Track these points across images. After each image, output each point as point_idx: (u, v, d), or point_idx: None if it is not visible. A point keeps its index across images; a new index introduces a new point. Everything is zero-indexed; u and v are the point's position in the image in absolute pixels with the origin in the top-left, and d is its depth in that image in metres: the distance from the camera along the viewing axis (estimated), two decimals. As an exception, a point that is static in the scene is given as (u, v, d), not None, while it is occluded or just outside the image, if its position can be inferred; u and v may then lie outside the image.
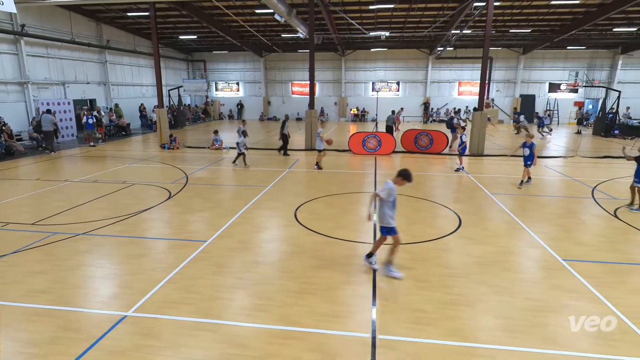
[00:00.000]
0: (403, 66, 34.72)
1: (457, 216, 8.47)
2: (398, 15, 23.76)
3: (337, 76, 35.73)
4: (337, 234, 7.42)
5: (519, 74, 33.54)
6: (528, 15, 23.58)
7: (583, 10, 22.35)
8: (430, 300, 5.10)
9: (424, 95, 34.80)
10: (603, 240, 7.30)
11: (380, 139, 16.78)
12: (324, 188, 10.88)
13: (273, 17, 20.24)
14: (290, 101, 36.89)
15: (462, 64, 33.30)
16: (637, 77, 32.05)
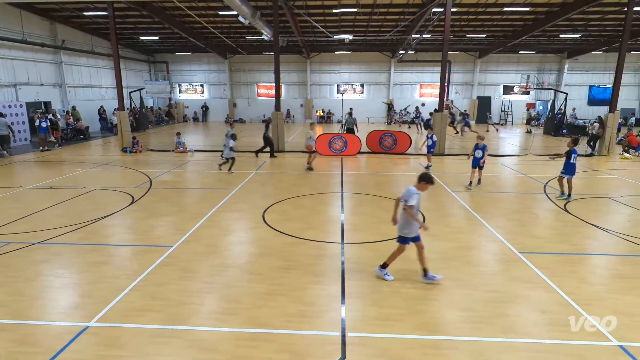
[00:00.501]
0: (367, 69, 35.26)
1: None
2: (361, 19, 24.12)
3: (303, 78, 35.78)
4: (306, 234, 7.41)
5: (476, 77, 34.89)
6: (483, 21, 24.59)
7: (532, 17, 23.56)
8: (397, 296, 5.20)
9: (388, 97, 35.49)
10: (555, 232, 7.72)
11: (346, 140, 16.94)
12: (291, 189, 10.85)
13: (237, 19, 20.00)
14: (256, 103, 36.56)
15: (423, 66, 34.23)
16: (581, 80, 34.17)
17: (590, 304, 4.96)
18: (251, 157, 16.25)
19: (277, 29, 17.64)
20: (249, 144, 20.22)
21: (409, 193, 5.34)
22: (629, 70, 31.68)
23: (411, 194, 5.31)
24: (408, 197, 5.33)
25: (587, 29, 26.08)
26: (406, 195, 5.39)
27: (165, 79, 34.33)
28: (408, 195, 5.35)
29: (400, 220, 5.53)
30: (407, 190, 5.39)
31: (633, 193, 10.70)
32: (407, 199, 5.34)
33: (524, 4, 20.62)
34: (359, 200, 10.06)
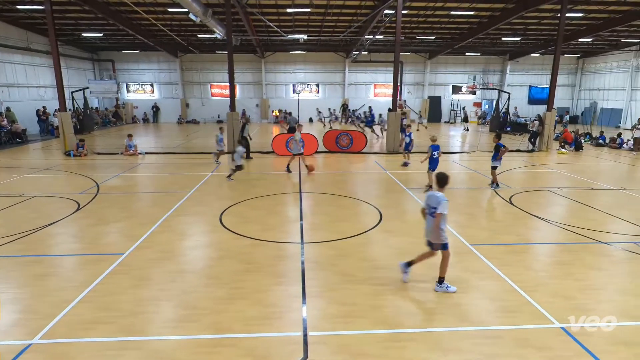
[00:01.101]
0: (322, 69, 35.51)
1: (378, 211, 8.89)
2: (315, 19, 24.24)
3: (258, 78, 35.40)
4: (264, 235, 7.35)
5: (427, 77, 36.21)
6: (432, 24, 25.55)
7: (477, 21, 24.82)
8: (357, 292, 5.29)
9: (343, 97, 35.95)
10: (502, 224, 8.19)
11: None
12: (249, 190, 10.71)
13: (188, 17, 19.39)
14: (210, 103, 35.69)
15: (376, 67, 35.00)
16: (522, 80, 36.47)
17: (534, 290, 5.31)
18: (206, 159, 15.84)
19: (230, 27, 17.32)
20: (204, 146, 19.72)
21: (438, 200, 5.11)
22: (563, 71, 34.23)
23: (441, 201, 5.08)
24: (437, 204, 5.10)
25: (526, 33, 27.87)
26: (434, 201, 5.18)
27: (111, 78, 32.64)
28: (437, 202, 5.12)
29: (427, 228, 5.33)
30: (434, 197, 5.19)
31: (569, 185, 11.57)
32: (435, 206, 5.12)
33: (468, 8, 21.66)
34: (317, 199, 10.12)
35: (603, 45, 31.69)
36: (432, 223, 5.22)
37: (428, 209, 5.31)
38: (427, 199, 5.36)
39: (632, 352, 4.07)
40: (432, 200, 5.23)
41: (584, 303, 5.03)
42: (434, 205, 5.17)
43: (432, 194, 5.27)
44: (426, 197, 5.39)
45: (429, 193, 5.38)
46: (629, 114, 30.26)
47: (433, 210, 5.19)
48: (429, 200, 5.31)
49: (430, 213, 5.26)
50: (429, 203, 5.29)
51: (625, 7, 21.43)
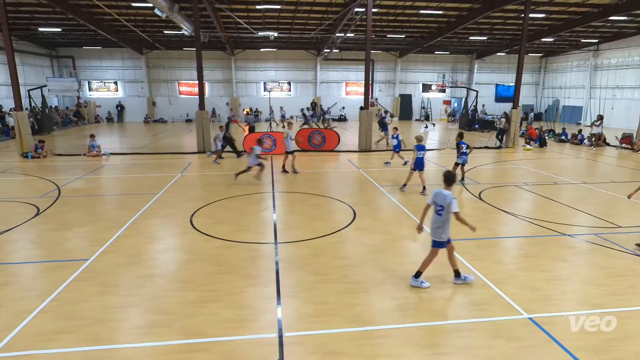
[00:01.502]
0: (293, 66, 35.42)
1: (352, 209, 8.96)
2: (285, 17, 24.13)
3: (228, 76, 34.92)
4: (237, 237, 7.26)
5: (397, 76, 36.81)
6: (402, 22, 25.98)
7: (445, 20, 25.44)
8: (332, 291, 5.31)
9: (315, 95, 35.99)
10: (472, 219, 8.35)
11: (275, 139, 16.86)
12: (220, 191, 10.55)
13: (153, 12, 18.86)
14: (178, 102, 34.90)
15: (348, 65, 35.26)
16: (489, 79, 37.69)
17: (504, 283, 5.51)
18: (174, 159, 15.49)
19: (197, 23, 16.98)
20: (172, 145, 19.29)
21: (446, 198, 5.16)
22: (527, 70, 35.63)
23: (449, 200, 5.14)
24: (444, 202, 5.16)
25: (492, 33, 28.81)
26: (441, 199, 5.21)
27: (71, 75, 31.27)
28: (443, 199, 5.17)
29: (433, 225, 5.35)
30: (441, 195, 5.22)
31: (534, 180, 12.06)
32: (443, 205, 5.17)
33: (437, 7, 22.17)
34: (290, 198, 10.09)
35: (564, 45, 33.21)
36: (439, 221, 5.27)
37: (435, 206, 5.33)
38: (434, 196, 5.36)
39: (594, 339, 4.29)
40: (439, 198, 5.27)
41: (550, 294, 5.26)
42: (441, 204, 5.22)
43: (439, 192, 5.30)
44: (433, 195, 5.39)
45: (435, 190, 5.41)
46: (589, 111, 31.83)
47: (440, 208, 5.23)
48: (435, 197, 5.34)
49: (436, 211, 5.29)
50: (435, 200, 5.32)
51: (584, 9, 22.55)
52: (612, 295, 5.22)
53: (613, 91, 30.19)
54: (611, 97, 30.08)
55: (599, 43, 31.15)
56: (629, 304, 4.99)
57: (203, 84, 17.44)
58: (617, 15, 22.44)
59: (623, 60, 29.23)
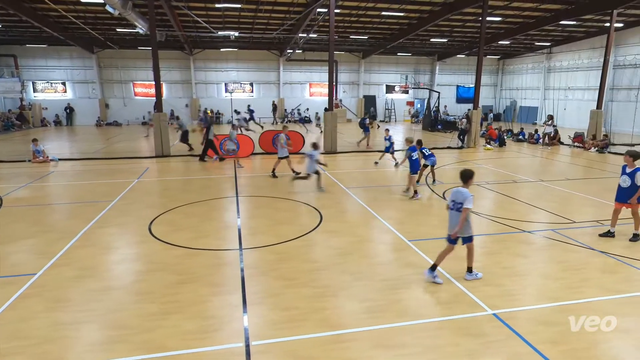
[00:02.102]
0: (255, 67, 35.14)
1: (318, 212, 8.99)
2: (246, 16, 23.92)
3: (187, 76, 34.13)
4: (199, 244, 7.10)
5: (361, 77, 37.37)
6: (365, 24, 26.43)
7: (407, 22, 26.13)
8: (299, 296, 5.30)
9: (278, 97, 35.88)
10: (437, 219, 8.68)
11: (237, 142, 16.60)
12: (180, 197, 10.27)
13: (104, 9, 18.14)
14: (133, 103, 33.70)
15: (311, 66, 35.40)
16: (450, 80, 39.04)
17: (469, 280, 5.69)
18: (129, 164, 14.93)
19: (153, 21, 16.50)
20: (127, 149, 18.61)
21: (464, 195, 5.41)
22: (486, 72, 37.21)
23: (467, 197, 5.38)
24: (463, 200, 5.39)
25: (452, 35, 29.90)
26: (459, 197, 5.45)
27: (13, 75, 29.48)
28: (463, 197, 5.41)
29: (453, 220, 5.56)
30: (460, 193, 5.46)
31: (495, 179, 12.59)
32: (462, 202, 5.40)
33: (398, 9, 22.73)
34: (255, 203, 9.99)
35: (519, 48, 34.98)
36: (456, 218, 5.48)
37: (453, 205, 5.55)
38: (452, 195, 5.60)
39: (552, 331, 4.53)
40: (457, 196, 5.50)
41: (512, 289, 5.50)
42: (460, 201, 5.44)
43: (457, 190, 5.53)
44: (451, 194, 5.63)
45: (454, 189, 5.62)
46: (544, 111, 33.64)
47: (459, 205, 5.46)
48: (454, 196, 5.56)
49: (456, 208, 5.51)
50: (454, 199, 5.55)
51: (537, 13, 23.88)
52: (569, 288, 5.53)
53: (565, 92, 32.11)
54: (563, 98, 31.98)
55: (551, 46, 33.07)
56: (584, 296, 5.31)
57: (160, 84, 16.94)
58: (567, 20, 23.96)
59: (573, 63, 31.17)
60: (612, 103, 26.93)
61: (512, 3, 21.54)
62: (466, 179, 5.59)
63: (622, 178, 7.19)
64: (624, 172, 7.22)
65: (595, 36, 28.62)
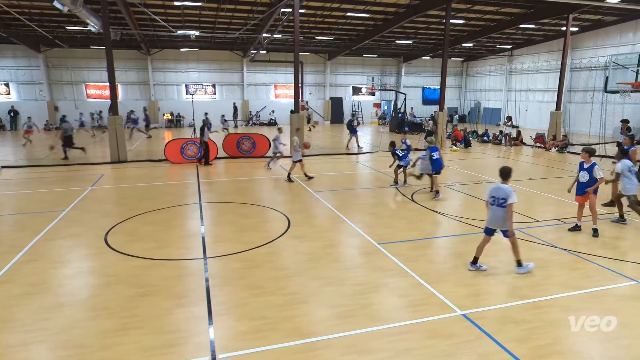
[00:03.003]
0: (218, 68, 34.65)
1: (286, 217, 8.95)
2: (207, 15, 23.57)
3: (144, 77, 33.17)
4: (160, 254, 6.89)
5: (327, 78, 37.65)
6: (330, 24, 26.67)
7: (372, 24, 26.60)
8: (268, 305, 5.25)
9: (242, 98, 35.53)
10: (406, 221, 8.86)
11: (199, 145, 16.30)
12: (139, 205, 9.94)
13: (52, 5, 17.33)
14: (86, 106, 32.32)
15: (276, 67, 35.32)
16: (416, 82, 40.03)
17: (438, 282, 5.84)
18: (82, 171, 14.32)
19: (106, 19, 15.95)
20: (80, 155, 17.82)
21: (505, 192, 5.86)
22: (451, 74, 38.40)
23: (509, 193, 5.84)
24: (506, 196, 5.84)
25: (417, 37, 30.70)
26: (501, 193, 5.90)
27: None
28: (505, 194, 5.86)
29: (498, 217, 5.98)
30: (501, 190, 5.91)
31: (462, 180, 13.00)
32: (505, 198, 5.85)
33: (364, 10, 23.11)
34: (219, 209, 9.82)
35: (482, 50, 36.40)
36: (500, 213, 5.95)
37: (495, 201, 6.00)
38: (492, 191, 6.06)
39: (520, 329, 4.71)
40: (499, 192, 5.96)
41: (480, 289, 5.69)
42: (503, 197, 5.89)
43: (497, 187, 6.00)
44: (491, 190, 6.09)
45: (493, 186, 6.09)
46: (507, 113, 35.12)
47: (502, 201, 5.90)
48: (494, 192, 6.02)
49: (499, 204, 5.94)
50: (495, 195, 6.00)
51: (498, 17, 24.94)
52: (534, 286, 5.78)
53: (526, 94, 33.68)
54: (525, 100, 33.53)
55: (512, 49, 34.62)
56: (548, 293, 5.56)
57: (115, 86, 16.37)
58: (527, 24, 25.17)
59: (533, 65, 32.76)
60: (570, 104, 28.46)
61: (474, 6, 22.41)
62: (506, 176, 6.08)
63: (581, 174, 7.80)
64: (581, 168, 7.83)
65: (553, 39, 30.23)
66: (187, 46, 32.19)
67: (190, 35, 24.25)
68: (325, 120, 38.04)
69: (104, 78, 30.14)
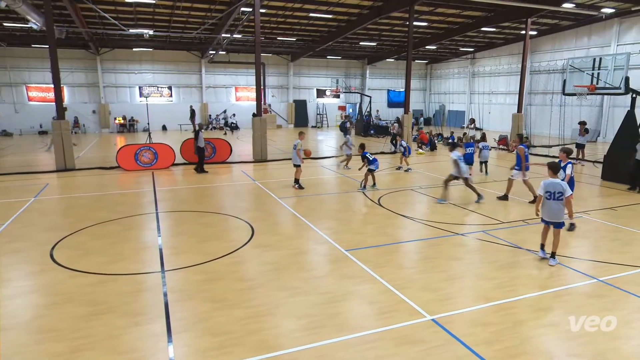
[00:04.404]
0: (174, 69, 33.95)
1: (249, 225, 8.86)
2: (162, 13, 23.09)
3: (93, 79, 31.97)
4: (114, 268, 6.64)
5: (290, 80, 37.72)
6: (292, 25, 26.77)
7: (336, 25, 26.95)
8: (232, 319, 5.16)
9: (201, 101, 34.94)
10: (373, 226, 8.98)
11: (156, 152, 15.89)
12: (89, 216, 9.54)
13: (-13, -1, 16.41)
14: (27, 110, 30.73)
15: (237, 68, 35.03)
16: (381, 84, 40.86)
17: (406, 287, 5.96)
18: (24, 180, 13.60)
19: (50, 16, 15.28)
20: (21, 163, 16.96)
21: (562, 186, 6.52)
22: (415, 76, 39.44)
23: (565, 187, 6.53)
24: (562, 190, 6.50)
25: (381, 39, 31.38)
26: (557, 188, 6.54)
27: None
28: (561, 187, 6.52)
29: (555, 210, 6.61)
30: (557, 184, 6.55)
31: (428, 183, 13.34)
32: (562, 191, 6.50)
33: (327, 11, 23.37)
34: (178, 218, 9.59)
35: (446, 53, 37.69)
36: (557, 206, 6.59)
37: (550, 195, 6.60)
38: (546, 187, 6.62)
39: (488, 331, 4.88)
40: (555, 187, 6.57)
41: (448, 292, 5.84)
42: (560, 191, 6.53)
43: (551, 182, 6.61)
44: (545, 186, 6.63)
45: (546, 182, 6.66)
46: (470, 115, 36.44)
47: (559, 195, 6.55)
48: (548, 187, 6.61)
49: (555, 198, 6.57)
50: (549, 190, 6.61)
51: (460, 19, 25.94)
52: (501, 287, 6.01)
53: (489, 96, 35.11)
54: (488, 102, 34.94)
55: (475, 52, 36.05)
56: (515, 294, 5.80)
57: (61, 88, 15.67)
58: (488, 27, 26.35)
59: (495, 68, 34.22)
60: (531, 107, 29.91)
61: (437, 9, 23.19)
62: (556, 170, 6.76)
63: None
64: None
65: (514, 43, 31.74)
66: (140, 46, 31.34)
67: (143, 34, 23.65)
68: (289, 124, 38.04)
69: (48, 79, 28.75)
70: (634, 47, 23.57)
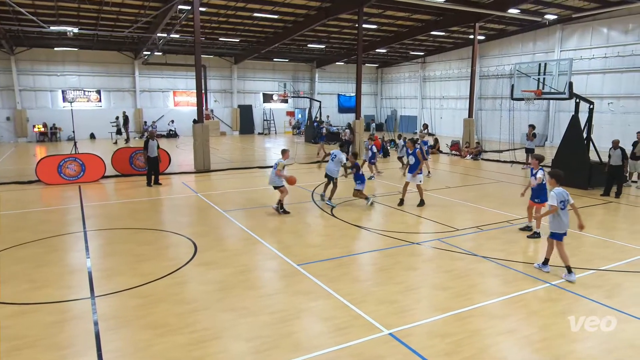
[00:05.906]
0: (103, 71, 32.58)
1: (192, 242, 8.62)
2: (88, 9, 22.10)
3: (7, 81, 29.94)
4: (35, 296, 6.20)
5: (234, 84, 37.36)
6: (235, 25, 26.60)
7: (282, 26, 27.11)
8: (173, 346, 4.98)
9: (135, 107, 33.72)
10: (326, 238, 9.04)
11: (83, 163, 15.09)
12: (6, 237, 8.87)
13: None
14: None
15: (175, 71, 34.22)
16: (331, 89, 41.48)
17: (363, 301, 6.03)
18: None
19: (-46, 10, 14.18)
20: None
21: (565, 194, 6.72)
22: (366, 80, 40.43)
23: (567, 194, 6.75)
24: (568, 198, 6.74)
25: (330, 41, 31.93)
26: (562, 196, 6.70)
27: None
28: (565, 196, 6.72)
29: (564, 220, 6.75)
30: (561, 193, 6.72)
31: (382, 191, 13.66)
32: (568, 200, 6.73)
33: (272, 11, 23.47)
34: (109, 237, 9.15)
35: (396, 57, 38.97)
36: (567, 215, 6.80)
37: (564, 205, 6.75)
38: (559, 196, 6.72)
39: (446, 342, 5.04)
40: (564, 196, 6.74)
41: (405, 304, 5.98)
42: (568, 199, 6.76)
43: (561, 191, 6.77)
44: (558, 195, 6.72)
45: (557, 191, 6.78)
46: (422, 120, 37.87)
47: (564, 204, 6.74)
48: (561, 197, 6.73)
49: (564, 207, 6.74)
50: (562, 199, 6.73)
51: (410, 23, 26.99)
52: (458, 296, 6.24)
53: (440, 101, 36.68)
54: (439, 107, 36.48)
55: (425, 56, 37.59)
56: (471, 303, 6.04)
57: (-33, 92, 14.55)
58: (437, 31, 27.60)
59: (445, 73, 35.87)
60: (481, 112, 31.57)
61: (386, 11, 23.98)
62: (560, 179, 6.97)
63: (531, 179, 9.09)
64: (532, 174, 9.14)
65: (463, 47, 33.45)
66: (63, 45, 29.77)
67: (67, 32, 22.47)
68: (233, 131, 37.59)
69: (-49, 82, 26.63)
70: (576, 52, 25.65)
